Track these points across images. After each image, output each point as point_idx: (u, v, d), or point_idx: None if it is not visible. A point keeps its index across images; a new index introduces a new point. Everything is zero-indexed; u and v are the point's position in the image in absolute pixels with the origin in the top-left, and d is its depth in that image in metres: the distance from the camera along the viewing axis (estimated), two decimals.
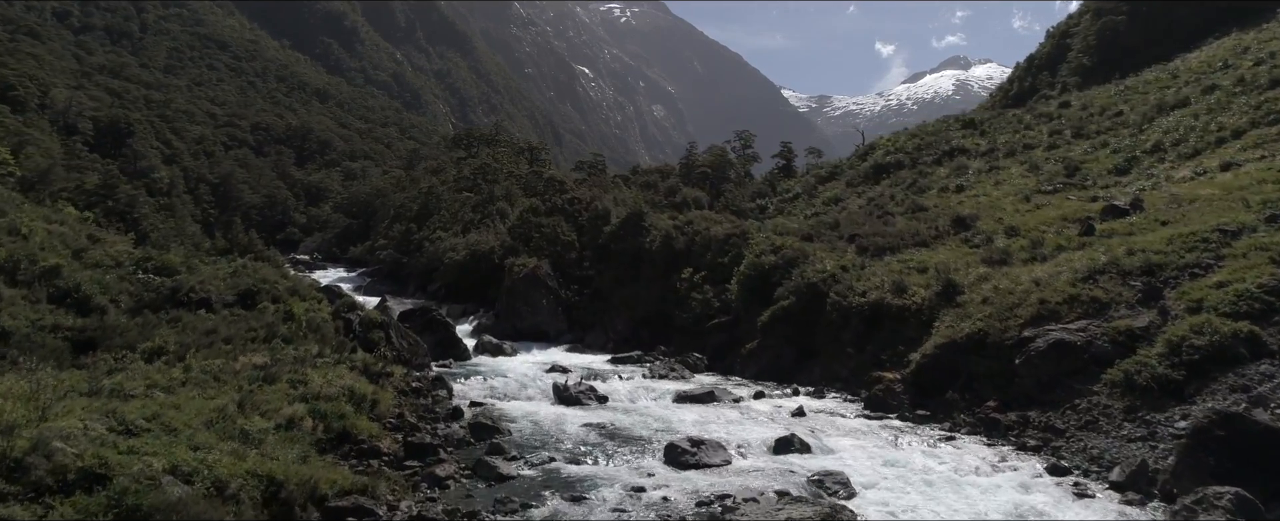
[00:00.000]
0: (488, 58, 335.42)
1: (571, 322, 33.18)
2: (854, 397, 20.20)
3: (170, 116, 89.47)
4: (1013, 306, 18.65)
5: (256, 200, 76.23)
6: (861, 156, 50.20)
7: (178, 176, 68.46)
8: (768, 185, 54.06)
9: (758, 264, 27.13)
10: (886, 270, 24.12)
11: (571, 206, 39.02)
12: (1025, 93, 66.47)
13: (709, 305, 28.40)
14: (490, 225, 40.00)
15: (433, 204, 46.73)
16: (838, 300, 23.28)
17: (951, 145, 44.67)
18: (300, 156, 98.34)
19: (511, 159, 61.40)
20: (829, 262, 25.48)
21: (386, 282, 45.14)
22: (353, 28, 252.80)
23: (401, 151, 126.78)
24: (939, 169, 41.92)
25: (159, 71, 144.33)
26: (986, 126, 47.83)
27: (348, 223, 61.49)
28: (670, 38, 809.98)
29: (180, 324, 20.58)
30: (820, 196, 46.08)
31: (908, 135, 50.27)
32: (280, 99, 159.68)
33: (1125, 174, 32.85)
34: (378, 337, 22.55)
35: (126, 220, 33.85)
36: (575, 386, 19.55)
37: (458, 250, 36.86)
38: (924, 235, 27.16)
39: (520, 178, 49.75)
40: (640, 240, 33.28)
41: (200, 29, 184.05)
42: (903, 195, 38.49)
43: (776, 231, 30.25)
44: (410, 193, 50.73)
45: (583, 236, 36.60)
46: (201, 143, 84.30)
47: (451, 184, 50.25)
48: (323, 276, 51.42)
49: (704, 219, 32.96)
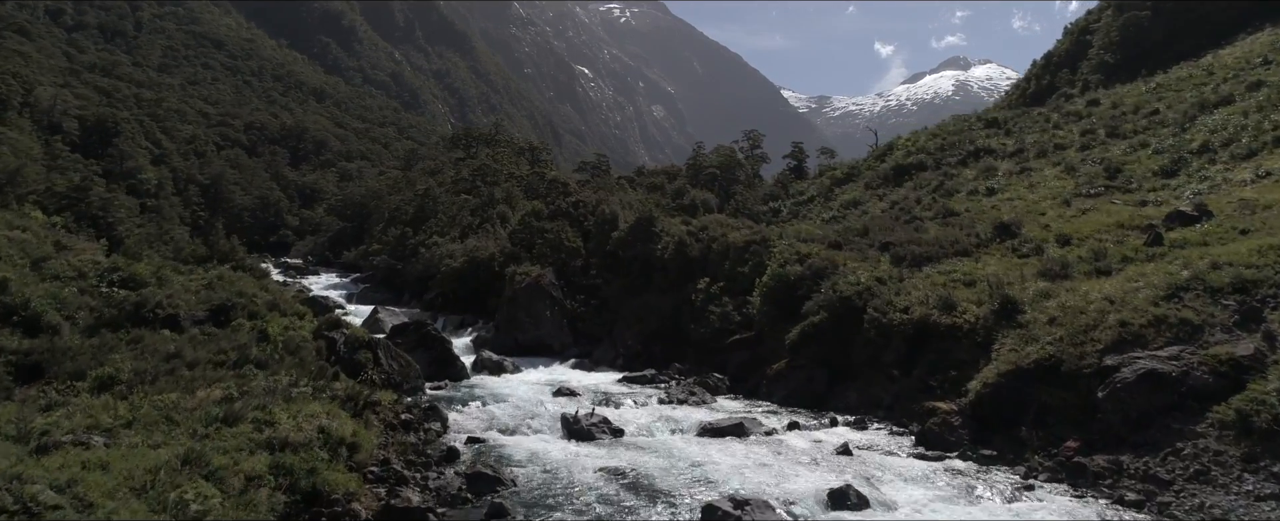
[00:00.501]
0: (487, 58, 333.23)
1: (577, 336, 30.86)
2: (902, 430, 17.87)
3: (161, 116, 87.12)
4: (1087, 328, 16.32)
5: (248, 202, 73.85)
6: (879, 157, 47.89)
7: (166, 177, 66.13)
8: (779, 187, 51.74)
9: (782, 274, 24.80)
10: (928, 283, 21.78)
11: (576, 210, 36.70)
12: (1043, 91, 64.19)
13: (728, 319, 26.05)
14: (490, 230, 37.68)
15: (429, 207, 44.41)
16: (876, 316, 20.94)
17: (976, 145, 42.36)
18: (295, 156, 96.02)
19: (512, 159, 59.08)
20: (862, 274, 23.15)
21: (381, 290, 42.81)
22: (351, 27, 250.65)
23: (399, 152, 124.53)
24: (965, 170, 39.61)
25: (153, 70, 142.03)
26: (1011, 125, 45.51)
27: (341, 226, 59.15)
28: (670, 38, 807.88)
29: (141, 345, 18.25)
30: (837, 199, 43.77)
31: (928, 135, 47.97)
32: (276, 98, 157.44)
33: (1172, 176, 30.58)
34: (365, 359, 20.21)
35: (100, 225, 31.50)
36: (586, 418, 17.22)
37: (455, 257, 34.54)
38: (965, 243, 24.83)
39: (521, 179, 47.41)
40: (651, 247, 30.95)
41: (195, 27, 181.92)
42: (929, 198, 36.19)
43: (800, 238, 27.91)
44: (406, 195, 48.41)
45: (588, 242, 34.28)
46: (193, 142, 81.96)
47: (449, 186, 47.90)
48: (315, 282, 49.13)
49: (720, 224, 30.63)
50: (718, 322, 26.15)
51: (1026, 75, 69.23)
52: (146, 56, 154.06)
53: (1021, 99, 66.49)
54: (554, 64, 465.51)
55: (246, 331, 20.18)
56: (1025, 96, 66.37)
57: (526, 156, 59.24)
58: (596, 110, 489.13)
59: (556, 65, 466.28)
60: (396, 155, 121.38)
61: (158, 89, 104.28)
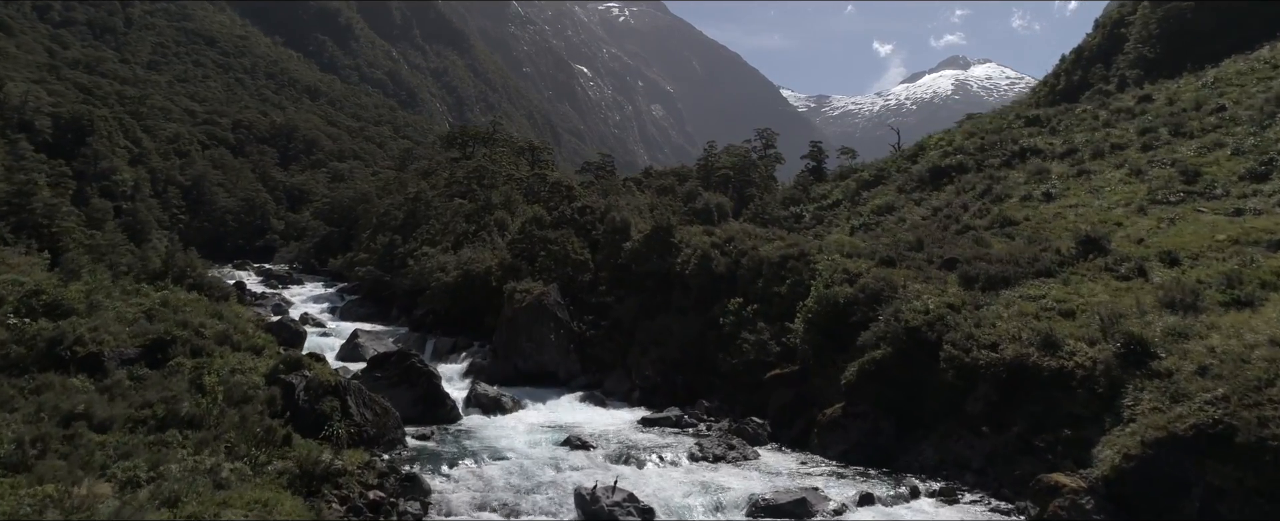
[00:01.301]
0: (485, 56, 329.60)
1: (586, 362, 27.07)
2: (1010, 508, 14.08)
3: (144, 114, 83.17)
4: (1261, 384, 12.54)
5: (233, 204, 69.93)
6: (910, 158, 44.11)
7: (144, 178, 62.23)
8: (799, 190, 47.92)
9: (829, 297, 21.01)
10: (1015, 313, 17.99)
11: (582, 217, 32.92)
12: (1075, 87, 60.42)
13: (765, 349, 22.27)
14: (486, 239, 33.88)
15: (421, 212, 40.60)
16: (955, 354, 17.17)
17: (1020, 145, 38.61)
18: (284, 156, 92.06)
19: (510, 160, 55.27)
20: (929, 299, 19.37)
21: (367, 304, 39.01)
22: (347, 25, 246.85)
23: (394, 151, 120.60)
24: (1011, 172, 35.86)
25: (141, 67, 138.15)
26: (1056, 123, 41.77)
27: (328, 231, 55.31)
28: (669, 37, 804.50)
29: (44, 397, 14.44)
30: (867, 204, 39.99)
31: (963, 134, 44.19)
32: (269, 96, 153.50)
33: (1263, 180, 26.88)
34: (330, 408, 16.39)
35: (42, 235, 27.65)
36: (607, 494, 13.45)
37: (448, 270, 30.74)
38: (1044, 260, 21.04)
39: (521, 182, 43.60)
40: (669, 261, 27.16)
41: (187, 24, 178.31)
42: (977, 204, 32.40)
43: (844, 252, 24.10)
44: (396, 198, 44.59)
45: (597, 254, 30.48)
46: (176, 141, 78.01)
47: (442, 189, 44.05)
48: (298, 293, 45.37)
49: (749, 235, 26.83)
50: (752, 352, 22.35)
51: (1055, 71, 65.38)
52: (136, 53, 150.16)
53: (1050, 95, 62.70)
54: (553, 63, 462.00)
55: (184, 376, 16.37)
56: (1054, 93, 62.53)
57: (526, 156, 55.41)
58: (595, 109, 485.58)
59: (555, 64, 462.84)
60: (391, 155, 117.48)
61: (142, 86, 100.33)
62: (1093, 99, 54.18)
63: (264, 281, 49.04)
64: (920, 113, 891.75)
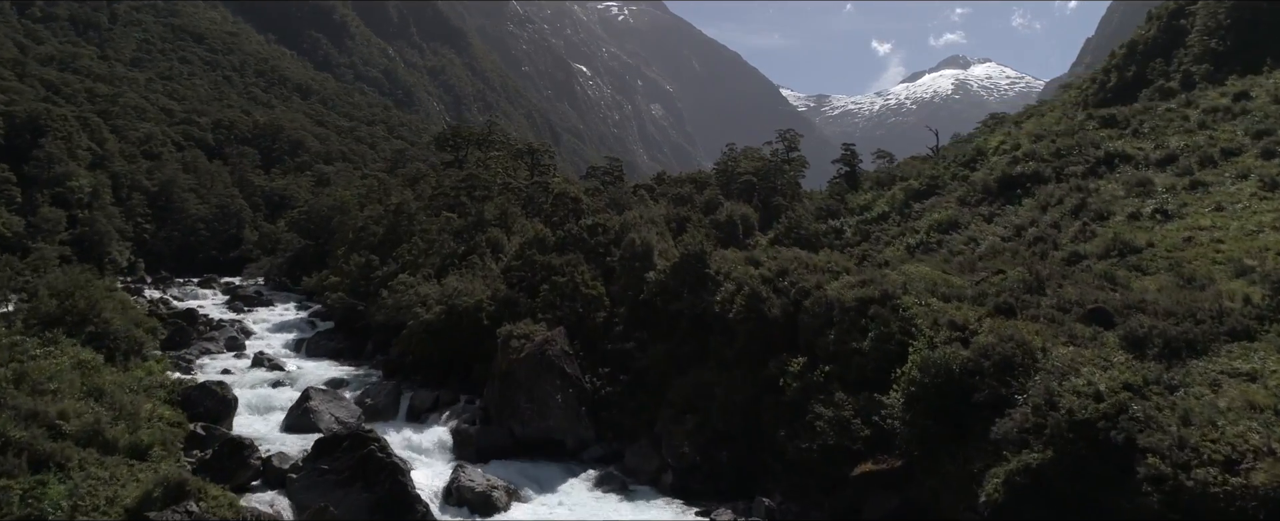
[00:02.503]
0: (484, 55, 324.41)
1: (601, 428, 21.39)
2: None
3: (114, 113, 77.39)
4: None
5: (205, 211, 64.06)
6: (966, 163, 38.38)
7: (104, 184, 56.43)
8: (835, 199, 42.15)
9: (939, 364, 15.33)
10: (1239, 405, 12.30)
11: (592, 237, 27.22)
12: (1129, 84, 54.87)
13: (847, 430, 16.57)
14: (478, 263, 28.13)
15: (403, 227, 34.88)
16: (1165, 472, 11.48)
17: (1104, 149, 32.95)
18: (268, 158, 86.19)
19: (508, 164, 49.54)
20: (1094, 374, 13.68)
21: (339, 336, 33.28)
22: (342, 22, 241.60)
23: (386, 152, 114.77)
24: (1102, 183, 30.19)
25: (123, 64, 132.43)
26: (1138, 124, 36.12)
27: (303, 244, 49.50)
28: (668, 36, 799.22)
29: None
30: (922, 219, 34.29)
31: (1028, 135, 38.44)
32: (257, 94, 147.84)
33: None
34: None
35: None
36: None
37: (429, 305, 24.98)
38: (1235, 315, 15.36)
39: (519, 191, 37.89)
40: (705, 299, 21.47)
41: (175, 20, 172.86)
42: (1074, 223, 26.73)
43: (938, 293, 18.41)
44: (376, 210, 38.82)
45: (612, 284, 24.79)
46: (147, 142, 72.19)
47: (429, 199, 38.23)
48: (265, 318, 39.64)
49: (807, 266, 21.11)
50: (830, 434, 16.64)
51: (1105, 66, 59.70)
52: (119, 50, 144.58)
53: (1101, 93, 57.10)
54: (552, 62, 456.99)
55: None
56: (1106, 90, 56.94)
57: (525, 160, 49.64)
58: (595, 109, 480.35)
59: (554, 63, 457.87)
60: (383, 156, 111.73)
61: (119, 83, 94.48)
62: (1156, 96, 48.69)
63: (229, 303, 43.30)
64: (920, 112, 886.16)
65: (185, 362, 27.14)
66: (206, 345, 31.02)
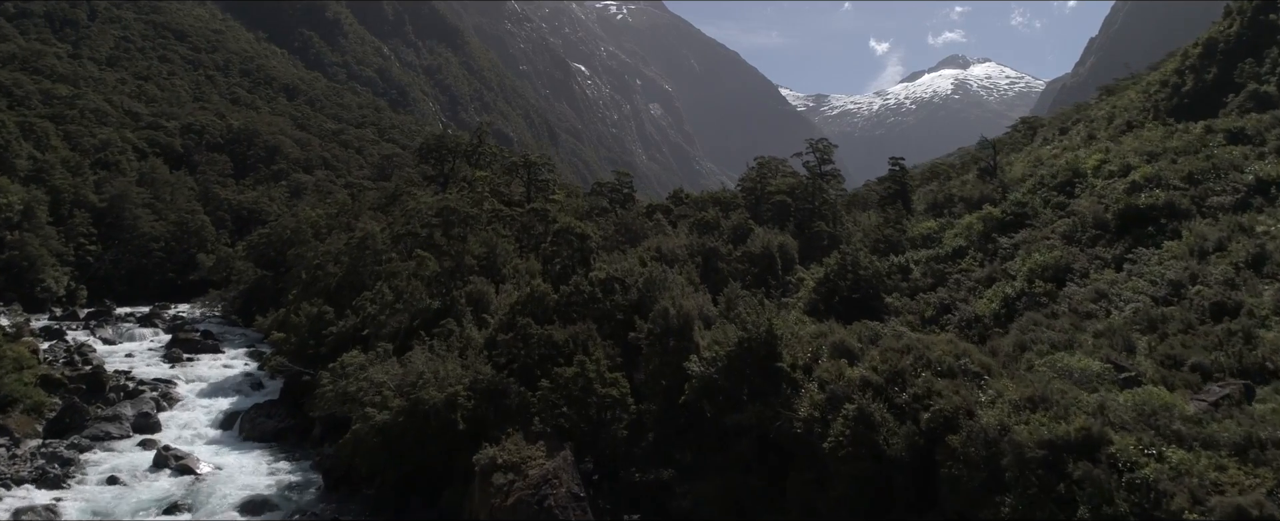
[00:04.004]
0: (481, 54, 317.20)
1: None
2: None
3: (71, 117, 70.26)
4: None
5: (161, 229, 56.88)
6: (1058, 188, 31.29)
7: (41, 200, 49.30)
8: (892, 228, 34.99)
9: None
10: None
11: (606, 295, 20.20)
12: (1212, 87, 47.95)
13: None
14: (453, 331, 21.04)
15: (367, 267, 27.86)
16: None
17: (1250, 174, 25.97)
18: (241, 166, 78.98)
19: (499, 180, 42.46)
20: None
21: (283, 409, 26.19)
22: (335, 20, 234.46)
23: (374, 157, 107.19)
24: (1262, 219, 23.19)
25: (99, 63, 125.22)
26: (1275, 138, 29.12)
27: (260, 275, 42.35)
28: (667, 35, 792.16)
29: None
30: (1015, 258, 27.22)
31: (1135, 153, 31.39)
32: (241, 95, 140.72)
33: None
34: None
35: None
36: None
37: (385, 397, 17.93)
38: None
39: (513, 220, 30.85)
40: (779, 411, 14.47)
41: (156, 17, 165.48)
42: (1257, 282, 19.74)
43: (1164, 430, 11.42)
44: (336, 243, 31.67)
45: (636, 369, 17.77)
46: (103, 150, 64.97)
47: (403, 229, 30.79)
48: (200, 375, 32.55)
49: (936, 366, 14.07)
50: None
51: (1178, 68, 52.57)
52: (96, 48, 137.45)
53: (1176, 98, 50.17)
54: (550, 61, 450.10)
55: None
56: (1181, 95, 50.01)
57: (520, 175, 42.52)
58: (593, 108, 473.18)
59: (552, 62, 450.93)
60: (370, 161, 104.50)
61: (82, 84, 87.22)
62: (1250, 102, 41.89)
63: (167, 349, 36.21)
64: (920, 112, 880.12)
65: (57, 468, 20.11)
66: (107, 427, 24.00)
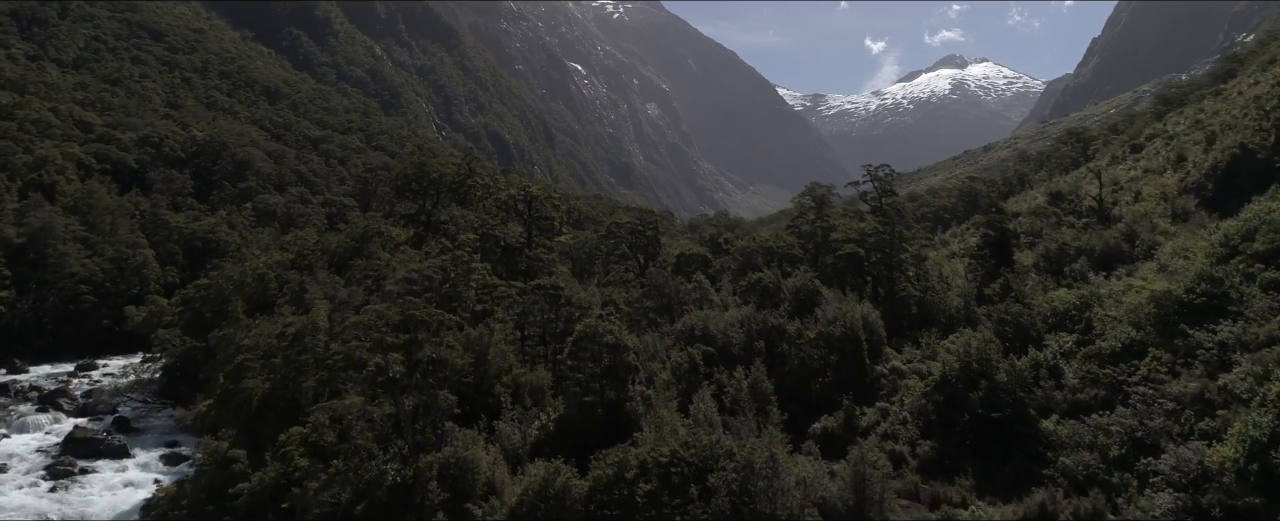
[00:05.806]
0: (476, 53, 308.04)
1: None
2: None
3: (6, 130, 61.45)
4: None
5: (94, 268, 48.03)
6: (1265, 255, 22.68)
7: None
8: (1022, 304, 26.08)
9: None
10: None
11: (662, 485, 11.46)
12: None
13: None
14: None
15: (302, 376, 19.31)
16: None
17: None
18: (203, 184, 70.07)
19: (493, 221, 33.72)
20: None
21: None
22: (325, 18, 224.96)
23: (358, 169, 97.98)
24: None
25: (63, 66, 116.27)
26: None
27: (188, 346, 33.44)
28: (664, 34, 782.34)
29: None
30: (1234, 368, 18.71)
31: None
32: (219, 99, 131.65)
33: None
34: None
35: None
36: None
37: None
38: None
39: (505, 300, 22.19)
40: None
41: (133, 16, 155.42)
42: None
43: None
44: (269, 329, 23.10)
45: None
46: (39, 169, 56.16)
47: (360, 310, 22.14)
48: (103, 484, 23.79)
49: None
50: None
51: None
52: (63, 49, 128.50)
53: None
54: (546, 61, 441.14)
55: None
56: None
57: (520, 215, 33.87)
58: (590, 108, 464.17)
59: (549, 62, 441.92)
60: (354, 174, 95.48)
61: (27, 90, 78.17)
62: None
63: (61, 450, 27.51)
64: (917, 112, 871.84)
65: None
66: None
